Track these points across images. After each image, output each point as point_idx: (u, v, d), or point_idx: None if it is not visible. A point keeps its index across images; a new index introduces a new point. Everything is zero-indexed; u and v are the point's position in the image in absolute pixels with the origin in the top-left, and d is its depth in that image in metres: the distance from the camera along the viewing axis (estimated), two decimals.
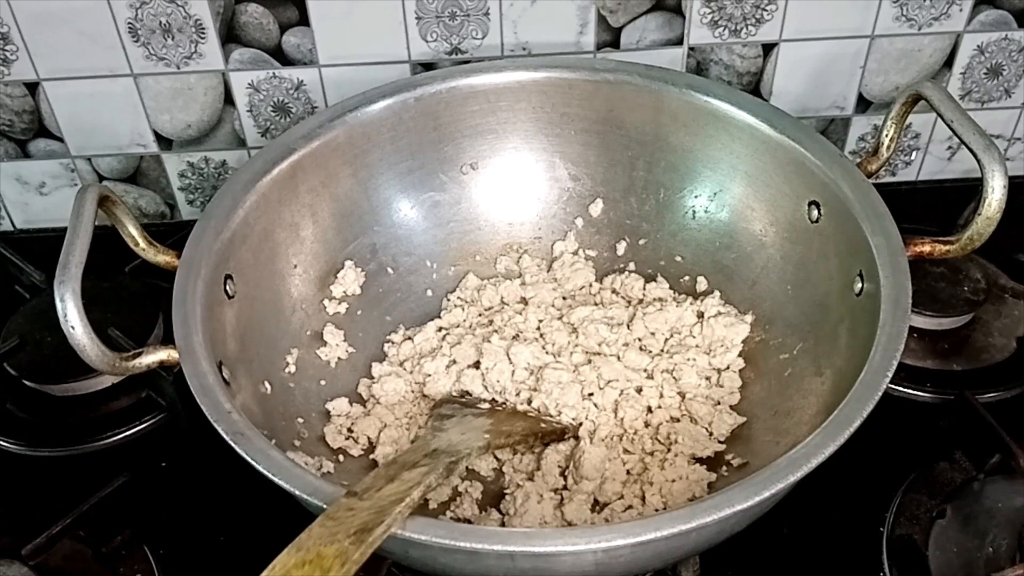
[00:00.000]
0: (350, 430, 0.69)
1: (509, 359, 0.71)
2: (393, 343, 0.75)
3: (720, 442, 0.67)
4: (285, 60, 0.80)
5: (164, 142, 0.85)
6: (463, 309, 0.76)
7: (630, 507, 0.63)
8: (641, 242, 0.78)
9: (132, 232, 0.63)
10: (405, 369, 0.73)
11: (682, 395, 0.69)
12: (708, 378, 0.70)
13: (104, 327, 0.73)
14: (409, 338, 0.75)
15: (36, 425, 0.73)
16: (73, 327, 0.54)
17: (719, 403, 0.69)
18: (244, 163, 0.73)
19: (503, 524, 0.64)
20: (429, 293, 0.78)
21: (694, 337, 0.72)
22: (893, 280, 0.58)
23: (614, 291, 0.77)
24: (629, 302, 0.76)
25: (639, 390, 0.69)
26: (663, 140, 0.74)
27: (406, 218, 0.77)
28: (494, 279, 0.79)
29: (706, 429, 0.67)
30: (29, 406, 0.75)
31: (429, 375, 0.71)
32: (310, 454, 0.65)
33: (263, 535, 0.65)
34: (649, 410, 0.69)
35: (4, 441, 0.72)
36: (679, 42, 0.81)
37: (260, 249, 0.68)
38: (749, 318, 0.72)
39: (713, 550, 0.57)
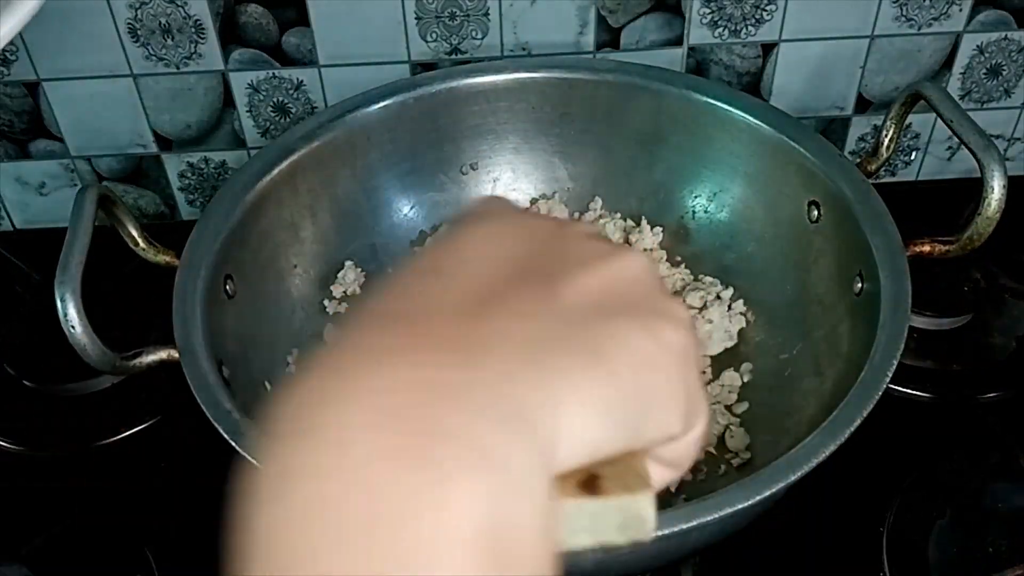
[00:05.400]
0: None
1: None
2: None
3: (719, 442, 0.67)
4: (285, 60, 0.80)
5: (164, 142, 0.85)
6: None
7: None
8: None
9: (132, 232, 0.63)
10: None
11: None
12: (705, 373, 0.70)
13: (104, 327, 0.73)
14: None
15: (36, 425, 0.73)
16: (73, 327, 0.54)
17: (717, 403, 0.69)
18: (244, 163, 0.73)
19: None
20: None
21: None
22: (893, 280, 0.59)
23: None
24: None
25: None
26: (663, 140, 0.75)
27: (406, 218, 0.77)
28: None
29: None
30: (29, 406, 0.74)
31: None
32: None
33: None
34: None
35: (4, 441, 0.72)
36: (679, 42, 0.81)
37: (260, 249, 0.68)
38: (750, 317, 0.72)
39: (713, 550, 0.57)
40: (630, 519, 0.27)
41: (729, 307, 0.72)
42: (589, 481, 0.27)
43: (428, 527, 0.20)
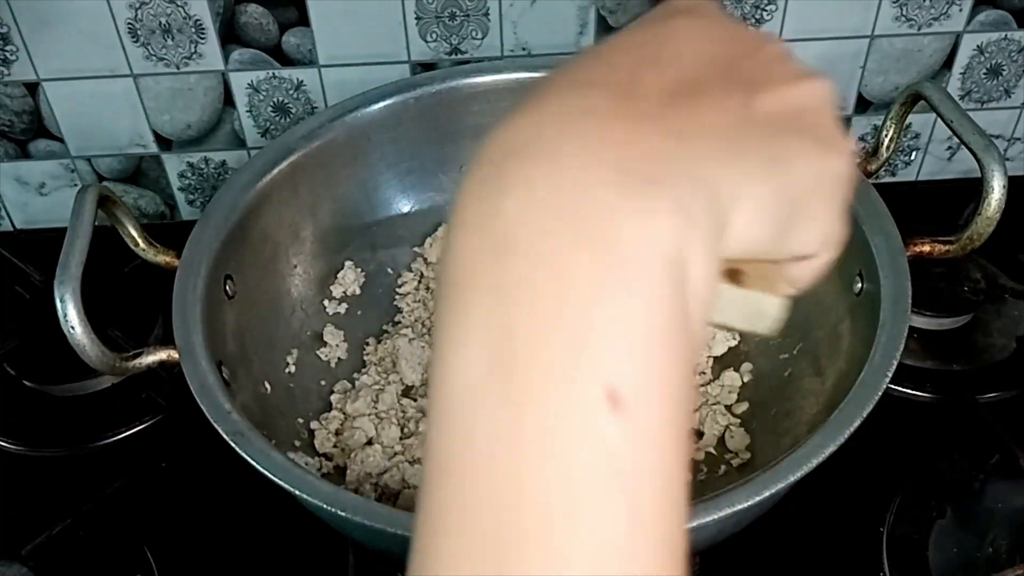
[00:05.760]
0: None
1: None
2: None
3: (719, 442, 0.67)
4: (285, 60, 0.80)
5: (164, 142, 0.85)
6: None
7: None
8: None
9: (132, 232, 0.63)
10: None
11: None
12: (705, 374, 0.71)
13: (104, 327, 0.73)
14: None
15: (36, 425, 0.73)
16: (73, 327, 0.54)
17: (717, 403, 0.69)
18: (244, 164, 0.73)
19: None
20: None
21: None
22: (893, 280, 0.58)
23: None
24: None
25: None
26: None
27: (406, 218, 0.77)
28: None
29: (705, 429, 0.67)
30: (29, 406, 0.74)
31: None
32: (310, 454, 0.65)
33: (263, 535, 0.66)
34: None
35: (4, 441, 0.72)
36: None
37: (260, 249, 0.68)
38: None
39: (713, 550, 0.57)
40: (759, 313, 0.32)
41: None
42: (732, 273, 0.31)
43: (627, 240, 0.23)
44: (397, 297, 0.76)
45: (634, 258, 0.23)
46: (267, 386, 0.66)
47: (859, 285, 0.62)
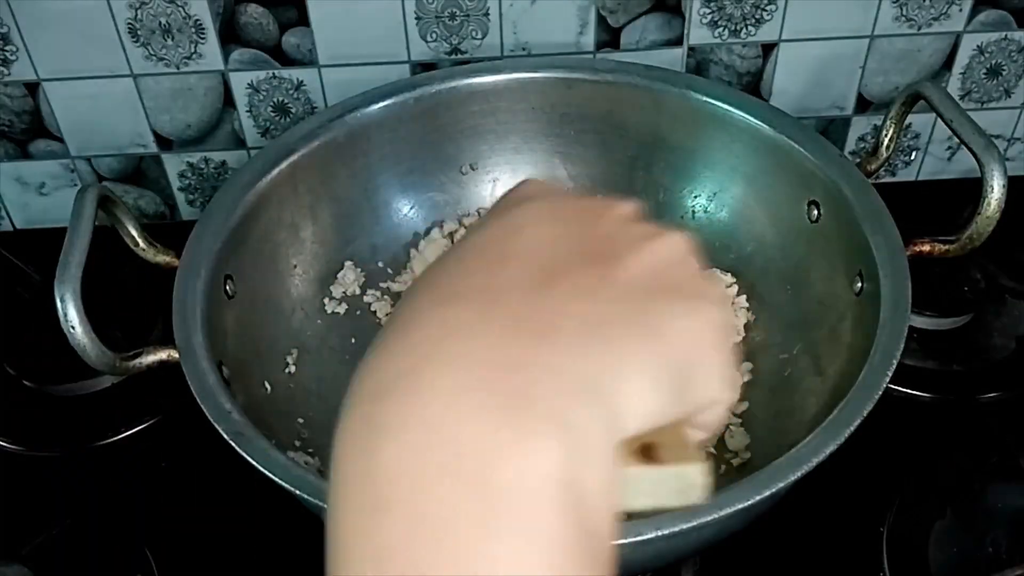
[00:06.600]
0: None
1: None
2: None
3: (719, 441, 0.67)
4: (285, 60, 0.80)
5: (164, 142, 0.85)
6: None
7: None
8: None
9: (132, 233, 0.63)
10: None
11: None
12: None
13: (104, 327, 0.73)
14: None
15: (36, 425, 0.73)
16: (73, 327, 0.54)
17: None
18: (244, 164, 0.73)
19: None
20: None
21: None
22: (893, 280, 0.59)
23: None
24: None
25: None
26: (662, 140, 0.74)
27: (405, 218, 0.77)
28: None
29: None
30: (29, 406, 0.74)
31: None
32: (310, 454, 0.65)
33: (263, 535, 0.66)
34: None
35: (4, 441, 0.72)
36: (679, 42, 0.81)
37: (260, 250, 0.68)
38: (750, 316, 0.72)
39: (713, 549, 0.57)
40: (686, 486, 0.30)
41: (731, 302, 0.72)
42: (646, 449, 0.30)
43: (510, 476, 0.22)
44: (397, 298, 0.76)
45: (518, 491, 0.22)
46: (267, 386, 0.66)
47: (859, 285, 0.62)
